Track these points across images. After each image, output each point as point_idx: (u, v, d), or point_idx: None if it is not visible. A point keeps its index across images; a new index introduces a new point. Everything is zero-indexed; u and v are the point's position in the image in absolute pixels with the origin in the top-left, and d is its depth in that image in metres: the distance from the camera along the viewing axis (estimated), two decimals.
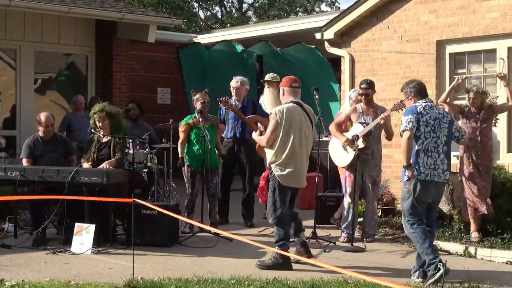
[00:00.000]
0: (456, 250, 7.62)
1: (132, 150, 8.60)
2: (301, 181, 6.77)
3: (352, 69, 10.61)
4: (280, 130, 6.57)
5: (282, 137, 6.57)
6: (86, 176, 7.47)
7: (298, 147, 6.60)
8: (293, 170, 6.59)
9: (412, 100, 6.57)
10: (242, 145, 9.03)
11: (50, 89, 12.40)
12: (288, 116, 6.58)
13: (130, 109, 10.32)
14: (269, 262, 6.59)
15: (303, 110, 6.72)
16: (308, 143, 6.75)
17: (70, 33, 11.94)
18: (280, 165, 6.59)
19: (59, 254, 7.19)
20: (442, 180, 6.39)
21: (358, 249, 7.63)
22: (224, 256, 7.22)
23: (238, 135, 9.00)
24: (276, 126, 6.57)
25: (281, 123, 6.56)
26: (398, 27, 10.03)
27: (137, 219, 7.20)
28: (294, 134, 6.56)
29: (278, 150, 6.59)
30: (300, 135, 6.62)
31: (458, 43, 9.45)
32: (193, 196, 8.52)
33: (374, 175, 8.09)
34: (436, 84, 9.55)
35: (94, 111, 8.16)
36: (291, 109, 6.62)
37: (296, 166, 6.61)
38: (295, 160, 6.60)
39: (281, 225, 6.66)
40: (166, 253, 7.29)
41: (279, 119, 6.56)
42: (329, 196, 9.25)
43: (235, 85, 9.08)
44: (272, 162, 6.64)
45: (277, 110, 6.64)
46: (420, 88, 6.57)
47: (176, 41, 14.78)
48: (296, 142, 6.58)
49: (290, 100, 6.71)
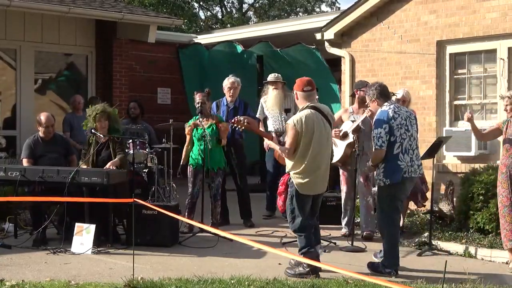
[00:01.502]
0: (456, 250, 7.62)
1: (133, 150, 8.61)
2: (321, 187, 6.58)
3: (353, 69, 10.63)
4: (301, 140, 6.36)
5: (302, 147, 6.36)
6: (87, 176, 7.48)
7: (319, 155, 6.41)
8: (313, 178, 6.41)
9: (375, 102, 6.68)
10: (232, 147, 9.03)
11: (50, 89, 12.40)
12: (308, 125, 6.35)
13: (131, 107, 10.34)
14: (298, 271, 6.42)
15: (321, 113, 6.51)
16: (328, 148, 6.59)
17: (70, 33, 11.95)
18: (300, 174, 6.40)
19: (59, 254, 7.20)
20: (417, 175, 6.73)
21: (358, 249, 7.64)
22: (224, 256, 7.22)
23: (227, 136, 8.89)
24: (296, 136, 6.35)
25: (301, 133, 6.34)
26: (398, 27, 10.05)
27: (138, 219, 7.22)
28: (314, 143, 6.36)
29: (298, 160, 6.40)
30: (321, 142, 6.41)
31: (458, 43, 9.46)
32: (193, 196, 8.53)
33: (366, 170, 8.09)
34: (436, 84, 9.57)
35: (96, 111, 8.12)
36: (309, 117, 6.39)
37: (316, 174, 6.42)
38: (316, 168, 6.41)
39: (301, 231, 6.48)
40: (166, 253, 7.30)
41: (299, 129, 6.34)
42: (329, 196, 9.24)
43: (231, 85, 9.06)
44: (291, 169, 6.48)
45: (295, 120, 6.40)
46: (382, 89, 6.69)
47: (176, 41, 14.79)
48: (317, 150, 6.38)
49: (306, 105, 6.49)
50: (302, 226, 6.48)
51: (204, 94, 8.55)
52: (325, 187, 6.66)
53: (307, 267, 6.34)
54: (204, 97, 8.50)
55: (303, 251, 6.44)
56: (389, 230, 6.62)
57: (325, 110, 6.61)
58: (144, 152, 9.25)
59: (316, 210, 6.72)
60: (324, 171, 6.55)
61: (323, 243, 7.74)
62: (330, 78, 11.81)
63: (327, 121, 6.53)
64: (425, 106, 9.63)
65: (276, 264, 6.80)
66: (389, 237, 6.61)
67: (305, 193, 6.45)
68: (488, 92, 9.26)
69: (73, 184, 7.45)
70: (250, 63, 13.50)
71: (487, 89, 9.23)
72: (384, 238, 6.67)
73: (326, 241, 7.88)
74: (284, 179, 7.25)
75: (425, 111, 9.62)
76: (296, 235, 6.65)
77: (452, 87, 9.58)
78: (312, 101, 6.56)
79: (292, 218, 6.52)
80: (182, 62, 13.98)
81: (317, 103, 6.62)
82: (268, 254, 7.20)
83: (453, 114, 9.58)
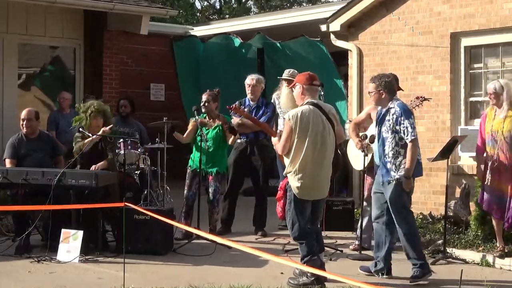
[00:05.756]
0: (473, 258, 7.60)
1: (124, 150, 8.58)
2: (320, 192, 6.53)
3: (360, 64, 10.59)
4: (295, 137, 6.34)
5: (297, 144, 6.34)
6: (74, 179, 7.45)
7: (316, 154, 6.37)
8: (309, 180, 6.36)
9: (382, 95, 6.70)
10: (256, 146, 8.92)
11: (35, 84, 12.39)
12: (304, 121, 6.33)
13: (122, 105, 10.30)
14: (301, 281, 6.39)
15: (322, 111, 6.47)
16: (328, 148, 6.48)
17: (57, 25, 11.92)
18: (295, 175, 6.37)
19: (44, 262, 7.16)
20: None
21: (366, 258, 7.60)
22: (222, 265, 7.21)
23: (251, 136, 8.87)
24: (290, 132, 6.34)
25: (296, 128, 6.32)
26: (409, 18, 10.01)
27: (129, 225, 7.22)
28: (309, 141, 6.32)
29: (293, 159, 6.38)
30: (318, 140, 6.36)
31: (474, 35, 9.42)
32: (188, 199, 8.52)
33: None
34: (451, 80, 9.53)
35: (93, 108, 8.09)
36: (306, 112, 6.37)
37: (312, 175, 6.38)
38: (313, 169, 6.37)
39: (302, 239, 6.46)
40: (160, 262, 7.28)
41: (293, 124, 6.33)
42: (335, 200, 9.21)
43: (251, 82, 8.92)
44: (288, 171, 6.45)
45: (291, 114, 6.40)
46: (393, 84, 6.86)
47: (171, 33, 14.76)
48: (313, 149, 6.34)
49: (306, 101, 6.47)
50: (303, 233, 6.46)
51: (210, 93, 8.58)
52: (325, 192, 6.62)
53: (311, 276, 6.32)
54: (210, 96, 8.53)
55: (306, 259, 6.43)
56: (412, 230, 6.74)
57: (327, 108, 6.60)
58: (136, 152, 9.21)
59: (318, 215, 6.71)
60: (324, 174, 6.52)
61: (329, 250, 7.71)
62: (334, 73, 11.77)
63: (328, 120, 6.48)
64: (439, 103, 9.59)
65: (278, 274, 6.78)
66: (415, 237, 6.79)
67: (303, 198, 6.42)
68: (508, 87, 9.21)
69: (59, 187, 7.41)
70: (249, 57, 13.47)
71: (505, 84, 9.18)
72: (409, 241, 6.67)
73: (332, 249, 7.84)
74: (282, 183, 7.24)
75: (438, 109, 9.58)
76: (297, 242, 6.61)
77: (467, 82, 9.54)
78: (315, 97, 6.56)
79: (292, 225, 6.50)
80: (176, 55, 13.96)
81: (318, 101, 6.61)
82: (270, 263, 7.18)
83: (468, 112, 9.54)
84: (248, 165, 8.94)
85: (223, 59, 13.52)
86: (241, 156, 8.86)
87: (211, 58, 13.73)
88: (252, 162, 8.93)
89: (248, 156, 8.88)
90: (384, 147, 6.66)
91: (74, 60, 12.28)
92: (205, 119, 8.54)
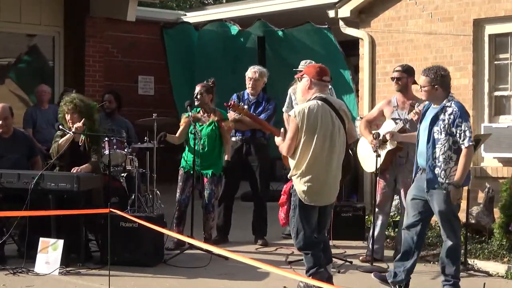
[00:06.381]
0: (496, 270, 7.64)
1: (108, 150, 8.61)
2: (328, 197, 6.56)
3: (373, 54, 10.64)
4: (302, 136, 6.36)
5: (303, 144, 6.36)
6: (53, 182, 7.48)
7: (324, 155, 6.39)
8: (317, 184, 6.39)
9: (437, 90, 6.61)
10: (253, 145, 9.01)
11: (9, 77, 12.42)
12: (311, 118, 6.34)
13: (106, 101, 10.34)
14: None
15: (332, 107, 6.48)
16: (338, 149, 6.50)
17: (34, 10, 11.96)
18: (301, 178, 6.39)
19: (20, 275, 7.19)
20: None
21: (378, 270, 7.63)
22: (219, 278, 7.24)
23: (247, 133, 8.96)
24: (296, 130, 6.36)
25: (302, 126, 6.34)
26: (427, 3, 10.06)
27: (114, 233, 7.22)
28: (317, 140, 6.34)
29: (299, 160, 6.41)
30: (327, 140, 6.38)
31: (499, 22, 9.46)
32: (181, 203, 8.58)
33: (409, 182, 7.90)
34: (473, 72, 9.57)
35: (63, 102, 8.15)
36: (314, 109, 6.37)
37: (320, 179, 6.40)
38: (319, 171, 6.39)
39: (307, 249, 6.50)
40: (149, 274, 7.31)
41: (300, 122, 6.35)
42: (344, 206, 9.25)
43: (253, 76, 8.94)
44: (293, 174, 6.48)
45: (296, 111, 6.42)
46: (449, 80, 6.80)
47: (161, 19, 14.80)
48: (321, 149, 6.36)
49: (314, 95, 6.48)
50: (308, 243, 6.49)
51: (204, 84, 8.60)
52: (334, 196, 6.65)
53: None
54: (203, 88, 8.56)
55: (311, 272, 6.46)
56: (459, 244, 6.78)
57: (337, 104, 6.62)
58: (122, 152, 9.25)
59: (325, 224, 6.74)
60: (333, 177, 6.53)
61: (337, 262, 7.75)
62: (343, 64, 11.81)
63: (339, 117, 6.51)
64: (460, 97, 9.55)
65: (280, 287, 6.80)
66: (459, 253, 6.83)
67: (309, 204, 6.44)
68: None
69: (37, 191, 7.44)
70: (248, 47, 13.50)
71: None
72: (452, 256, 6.66)
73: (340, 260, 7.89)
74: (286, 187, 7.27)
75: None
76: (301, 253, 6.66)
77: (492, 75, 9.58)
78: (324, 92, 6.57)
79: (296, 233, 6.53)
80: (167, 45, 13.95)
81: (328, 95, 6.63)
82: (271, 275, 7.22)
83: (493, 108, 9.58)
84: (244, 166, 8.99)
85: (219, 49, 13.54)
86: (236, 156, 8.91)
87: (206, 48, 13.75)
88: (248, 162, 8.99)
89: (244, 156, 8.94)
90: (435, 149, 6.59)
91: (53, 50, 12.32)
92: (198, 114, 8.57)
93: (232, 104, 8.03)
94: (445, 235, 6.66)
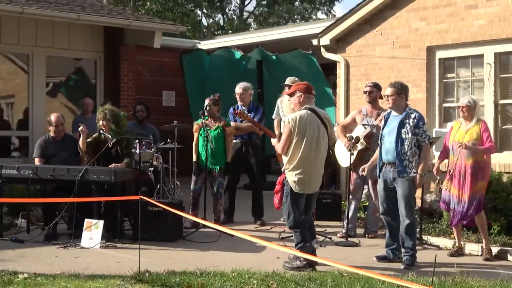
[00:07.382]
0: (445, 244, 7.64)
1: (139, 150, 8.61)
2: (313, 186, 6.56)
3: (347, 74, 10.62)
4: (294, 138, 6.38)
5: (295, 144, 6.38)
6: (95, 175, 7.49)
7: (312, 154, 6.40)
8: (305, 176, 6.40)
9: (403, 99, 6.74)
10: (250, 146, 9.00)
11: (61, 92, 12.38)
12: (302, 124, 6.37)
13: (138, 110, 10.32)
14: (295, 264, 6.42)
15: (318, 116, 6.51)
16: (322, 149, 6.51)
17: (80, 39, 11.94)
18: (293, 171, 6.41)
19: (69, 248, 7.21)
20: None
21: (352, 244, 7.66)
22: (226, 250, 7.24)
23: (245, 136, 8.97)
24: (290, 133, 6.38)
25: (294, 130, 6.36)
26: (390, 33, 10.05)
27: (143, 216, 7.20)
28: (306, 141, 6.35)
29: (291, 157, 6.42)
30: (313, 142, 6.39)
31: (447, 48, 9.46)
32: (194, 192, 8.56)
33: (375, 175, 7.98)
34: (426, 88, 9.56)
35: (98, 111, 8.16)
36: (304, 116, 6.40)
37: (308, 172, 6.41)
38: (308, 166, 6.40)
39: (296, 228, 6.50)
40: (171, 248, 7.31)
41: (293, 127, 6.37)
42: (325, 193, 9.22)
43: (239, 91, 9.01)
44: (286, 168, 6.49)
45: (290, 118, 6.44)
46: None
47: (181, 46, 14.78)
48: (309, 149, 6.37)
49: (304, 106, 6.50)
50: (297, 223, 6.49)
51: (211, 98, 8.63)
52: (318, 186, 6.64)
53: (304, 260, 6.34)
54: (211, 101, 8.59)
55: (299, 246, 6.45)
56: (415, 222, 6.83)
57: (322, 113, 6.62)
58: (150, 151, 9.24)
59: (311, 207, 6.72)
60: (318, 171, 6.53)
61: (319, 238, 7.75)
62: (324, 82, 11.80)
63: (323, 124, 6.51)
64: (416, 108, 9.54)
65: (274, 258, 6.81)
66: (415, 228, 6.89)
67: (298, 191, 6.44)
68: (476, 95, 9.20)
69: (83, 182, 7.44)
70: (249, 68, 13.48)
71: (475, 92, 9.21)
72: (409, 231, 6.68)
73: (322, 236, 7.88)
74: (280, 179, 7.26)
75: None
76: (292, 231, 6.65)
77: (441, 90, 9.57)
78: (311, 104, 6.57)
79: (288, 215, 6.53)
80: (184, 67, 13.95)
81: (314, 107, 6.63)
82: (267, 249, 7.21)
83: (442, 116, 9.57)
84: (244, 162, 9.00)
85: (226, 70, 13.52)
86: (237, 154, 8.94)
87: (215, 69, 13.74)
88: (247, 159, 8.99)
89: (243, 154, 8.95)
90: (403, 146, 6.65)
91: (95, 70, 12.28)
92: (207, 121, 8.55)
93: (238, 112, 8.05)
94: (404, 215, 6.67)
